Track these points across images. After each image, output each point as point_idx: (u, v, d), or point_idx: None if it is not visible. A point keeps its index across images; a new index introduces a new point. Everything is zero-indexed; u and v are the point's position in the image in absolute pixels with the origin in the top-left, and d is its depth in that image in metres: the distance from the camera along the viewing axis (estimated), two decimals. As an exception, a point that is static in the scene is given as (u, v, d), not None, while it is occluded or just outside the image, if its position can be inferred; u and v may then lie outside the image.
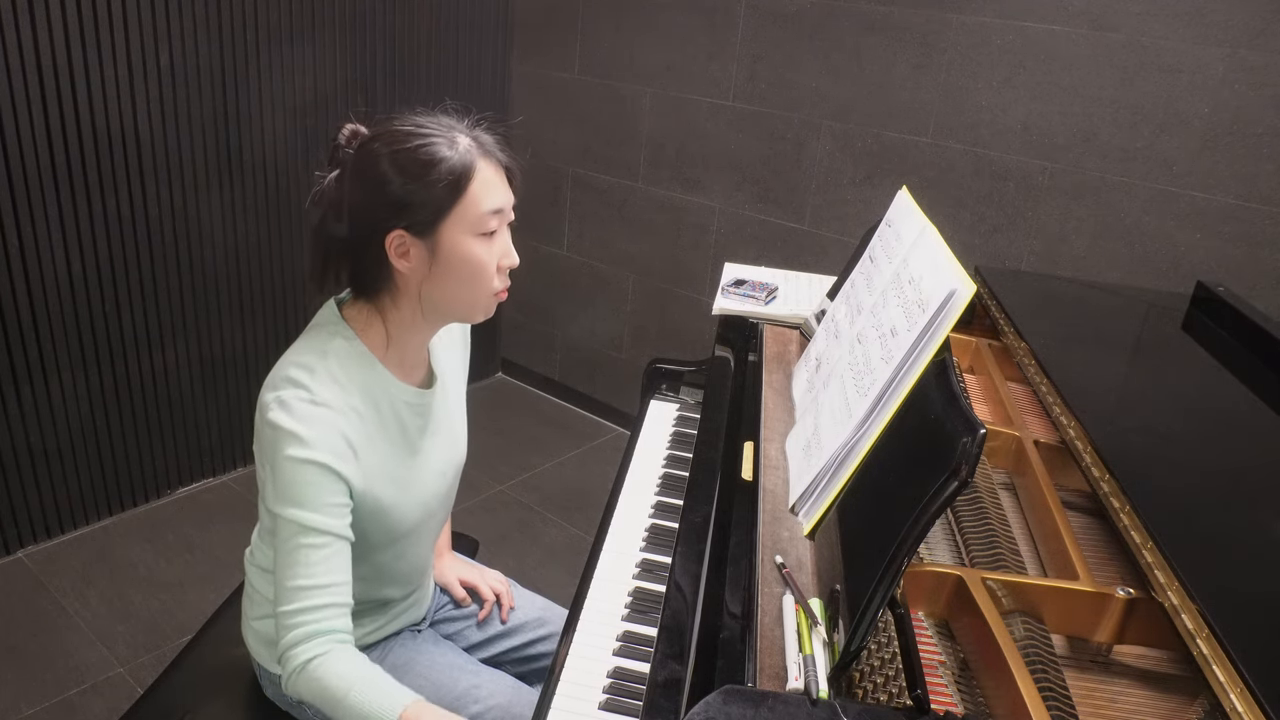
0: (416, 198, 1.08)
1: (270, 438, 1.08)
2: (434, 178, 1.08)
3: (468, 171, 1.10)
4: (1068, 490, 1.27)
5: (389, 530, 1.20)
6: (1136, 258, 2.26)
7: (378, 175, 1.08)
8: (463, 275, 1.13)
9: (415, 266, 1.12)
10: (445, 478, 1.30)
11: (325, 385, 1.09)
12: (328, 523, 1.08)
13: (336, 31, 2.77)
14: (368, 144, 1.11)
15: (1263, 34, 2.00)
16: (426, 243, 1.10)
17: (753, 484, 1.25)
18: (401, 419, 1.20)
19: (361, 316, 1.17)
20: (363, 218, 1.10)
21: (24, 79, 2.17)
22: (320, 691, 1.07)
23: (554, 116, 3.30)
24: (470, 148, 1.12)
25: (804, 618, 0.97)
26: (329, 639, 1.08)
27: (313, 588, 1.07)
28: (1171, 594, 0.90)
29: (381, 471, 1.16)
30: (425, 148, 1.08)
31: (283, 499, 1.07)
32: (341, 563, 1.10)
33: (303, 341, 1.15)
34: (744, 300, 1.81)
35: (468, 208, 1.10)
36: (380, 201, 1.09)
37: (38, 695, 2.07)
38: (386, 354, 1.18)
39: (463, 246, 1.12)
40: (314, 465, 1.06)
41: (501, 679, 1.34)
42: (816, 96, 2.68)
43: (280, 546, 1.08)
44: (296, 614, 1.07)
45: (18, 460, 2.42)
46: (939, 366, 1.01)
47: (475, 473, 3.05)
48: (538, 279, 3.57)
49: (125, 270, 2.48)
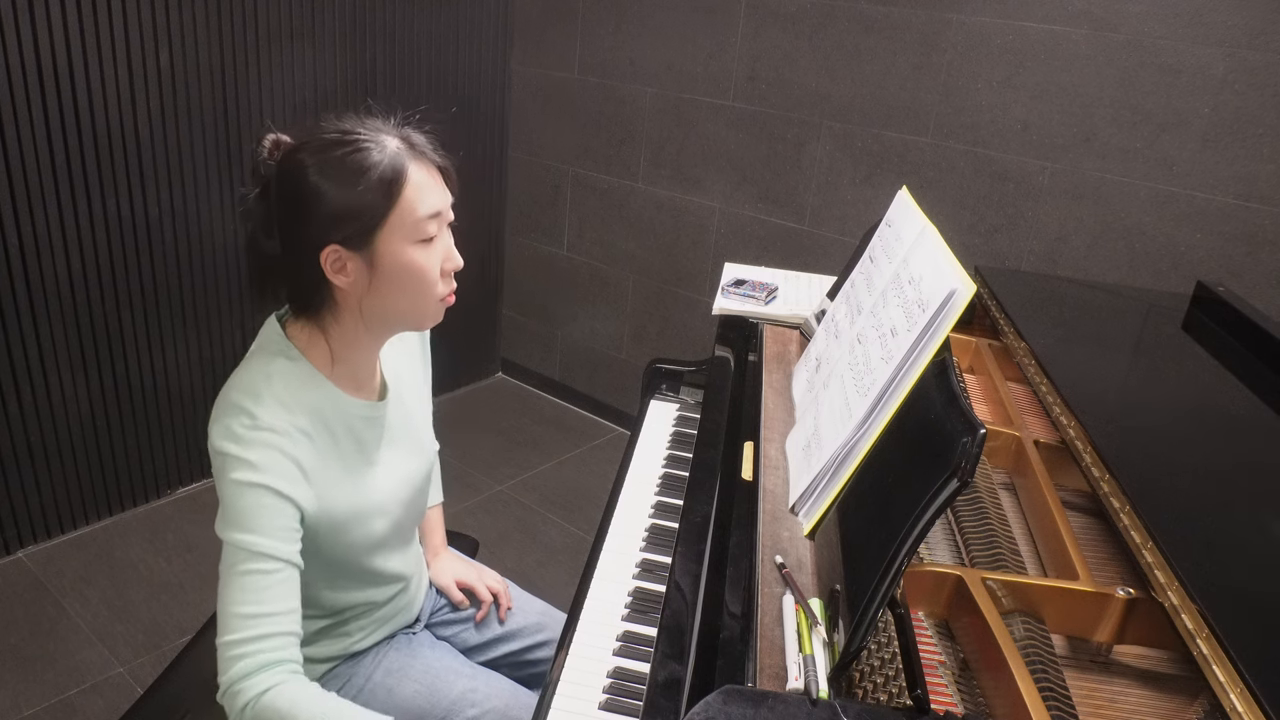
0: (348, 210, 1.02)
1: (218, 464, 1.04)
2: (364, 186, 1.01)
3: (399, 177, 1.03)
4: (1068, 490, 1.27)
5: (356, 544, 1.17)
6: (1136, 258, 2.26)
7: (305, 189, 1.02)
8: (405, 285, 1.07)
9: (354, 281, 1.06)
10: (410, 485, 1.25)
11: (270, 410, 1.04)
12: (276, 547, 1.03)
13: (336, 31, 2.77)
14: (291, 154, 1.05)
15: (1263, 34, 2.00)
16: (364, 256, 1.04)
17: (753, 484, 1.25)
18: (356, 433, 1.15)
19: (304, 335, 1.12)
20: (293, 234, 1.05)
21: (24, 79, 2.17)
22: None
23: (554, 116, 3.30)
24: (400, 150, 1.05)
25: (804, 618, 0.97)
26: (282, 669, 1.01)
27: (261, 615, 1.01)
28: (1171, 594, 0.90)
29: (336, 490, 1.12)
30: (353, 154, 1.02)
31: (229, 524, 1.03)
32: (290, 590, 1.04)
33: (246, 365, 1.11)
34: (744, 300, 1.81)
35: (403, 215, 1.04)
36: (310, 216, 1.03)
37: (38, 695, 2.07)
38: (334, 371, 1.13)
39: (403, 256, 1.05)
40: (260, 489, 1.02)
41: (499, 682, 1.33)
42: (816, 96, 2.68)
43: (226, 573, 1.03)
44: (244, 643, 1.00)
45: (18, 460, 2.42)
46: (939, 366, 1.01)
47: (475, 473, 3.05)
48: (538, 279, 3.57)
49: (125, 270, 2.48)
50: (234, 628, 1.01)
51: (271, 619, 1.02)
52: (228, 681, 1.01)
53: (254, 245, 1.09)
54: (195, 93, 2.49)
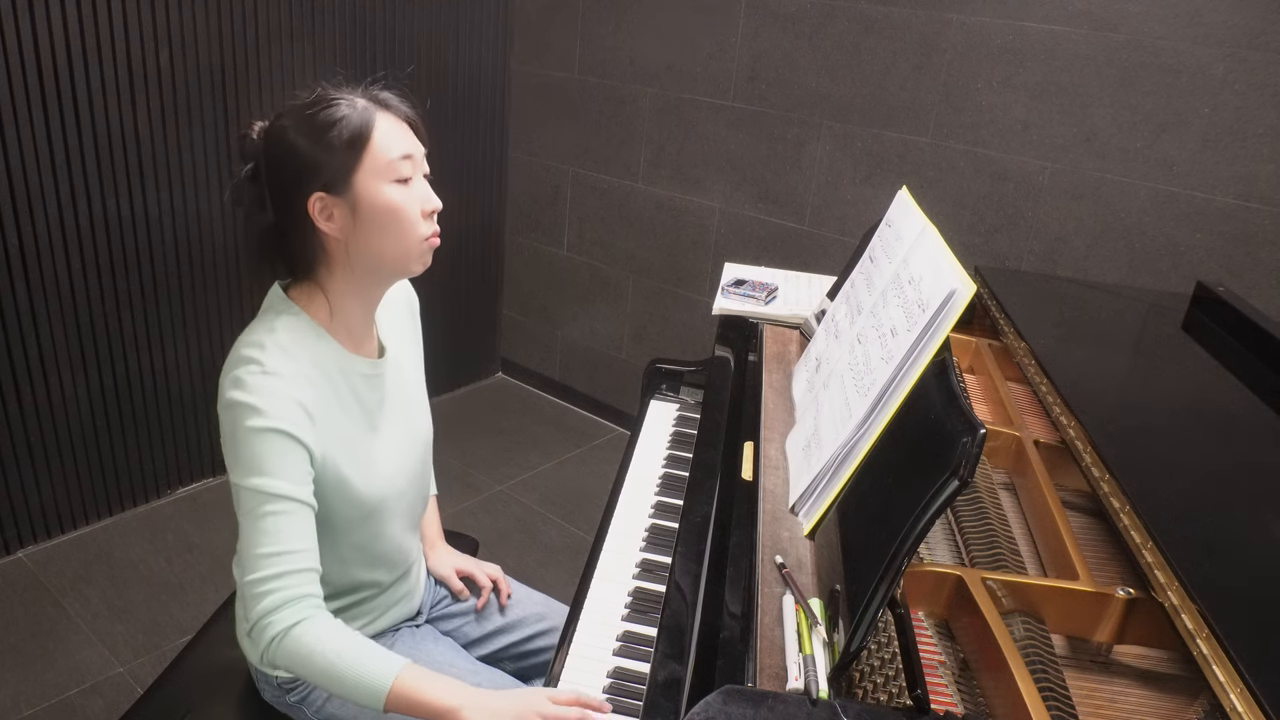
0: (324, 157, 1.11)
1: (229, 418, 1.09)
2: (336, 134, 1.11)
3: (367, 125, 1.13)
4: (1068, 490, 1.27)
5: (355, 505, 1.20)
6: (1136, 258, 2.26)
7: (286, 146, 1.12)
8: (387, 225, 1.15)
9: (340, 225, 1.14)
10: (409, 454, 1.30)
11: (275, 357, 1.11)
12: (290, 488, 1.08)
13: (336, 31, 2.77)
14: (273, 124, 1.15)
15: (1263, 34, 2.00)
16: (346, 200, 1.13)
17: (753, 484, 1.25)
18: (356, 390, 1.21)
19: (304, 294, 1.20)
20: (283, 195, 1.14)
21: (24, 79, 2.17)
22: (305, 659, 1.06)
23: (554, 116, 3.30)
24: (368, 105, 1.15)
25: (804, 618, 0.97)
26: (305, 604, 1.08)
27: (281, 554, 1.07)
28: (1171, 594, 0.90)
29: (339, 441, 1.17)
30: (326, 109, 1.12)
31: (244, 470, 1.08)
32: (307, 529, 1.10)
33: (251, 326, 1.18)
34: (744, 300, 1.81)
35: (375, 156, 1.13)
36: (293, 169, 1.12)
37: (38, 695, 2.07)
38: (333, 325, 1.20)
39: (380, 195, 1.13)
40: (272, 432, 1.08)
41: (500, 678, 1.34)
42: (816, 96, 2.68)
43: (244, 518, 1.09)
44: (267, 580, 1.07)
45: (18, 460, 2.42)
46: (939, 366, 1.01)
47: (475, 473, 3.05)
48: (538, 279, 3.57)
49: (125, 270, 2.48)
50: (257, 567, 1.07)
51: (291, 556, 1.08)
52: (255, 616, 1.07)
53: (251, 223, 1.18)
54: (195, 93, 2.49)
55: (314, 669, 1.07)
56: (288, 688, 1.28)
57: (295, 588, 1.08)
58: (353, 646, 1.08)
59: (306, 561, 1.09)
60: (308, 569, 1.10)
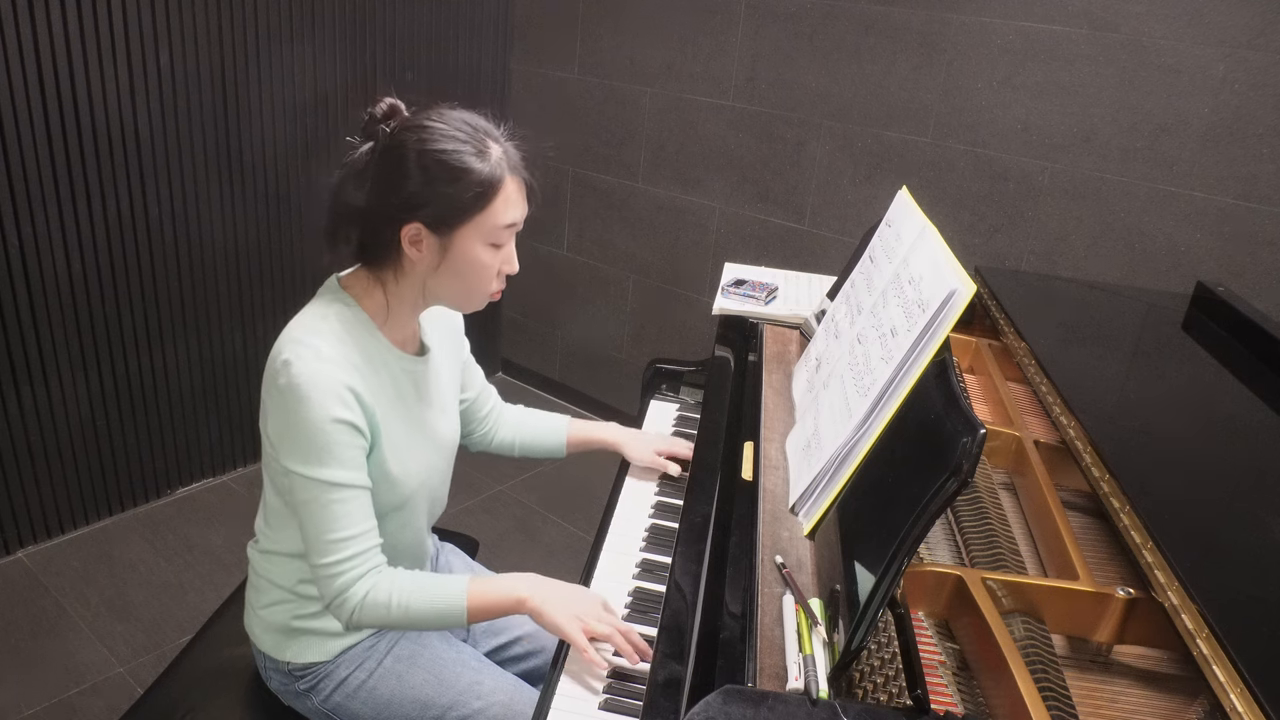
0: (442, 200, 1.14)
1: (283, 402, 1.13)
2: (464, 185, 1.13)
3: (495, 185, 1.15)
4: (1068, 490, 1.27)
5: (392, 491, 1.25)
6: (1136, 258, 2.26)
7: (406, 168, 1.14)
8: (466, 276, 1.20)
9: (425, 258, 1.18)
10: (438, 452, 1.35)
11: (328, 342, 1.15)
12: (351, 476, 1.15)
13: (336, 31, 2.77)
14: (402, 133, 1.16)
15: (1263, 34, 2.00)
16: (441, 240, 1.16)
17: (753, 484, 1.25)
18: (399, 385, 1.25)
19: (361, 284, 1.23)
20: (385, 199, 1.16)
21: (24, 79, 2.17)
22: (384, 615, 1.17)
23: (554, 116, 3.30)
24: (500, 161, 1.17)
25: (804, 618, 0.97)
26: (374, 573, 1.18)
27: (350, 538, 1.16)
28: (1171, 594, 0.90)
29: (384, 427, 1.20)
30: (455, 154, 1.13)
31: (305, 459, 1.13)
32: (367, 509, 1.18)
33: (305, 309, 1.21)
34: (744, 300, 1.81)
35: (487, 218, 1.16)
36: (404, 192, 1.14)
37: (38, 695, 2.07)
38: (385, 322, 1.24)
39: (473, 252, 1.18)
40: (332, 423, 1.12)
41: (503, 677, 1.34)
42: (816, 96, 2.68)
43: (307, 504, 1.15)
44: (341, 563, 1.16)
45: (18, 460, 2.42)
46: (939, 366, 1.01)
47: (475, 473, 3.05)
48: (538, 279, 3.57)
49: (125, 270, 2.48)
50: (328, 551, 1.16)
51: (358, 539, 1.17)
52: (332, 594, 1.17)
53: (341, 191, 1.20)
54: (195, 93, 2.49)
55: (394, 619, 1.18)
56: (298, 675, 1.29)
57: (365, 564, 1.17)
58: (420, 590, 1.18)
59: (369, 540, 1.18)
60: (371, 546, 1.18)
